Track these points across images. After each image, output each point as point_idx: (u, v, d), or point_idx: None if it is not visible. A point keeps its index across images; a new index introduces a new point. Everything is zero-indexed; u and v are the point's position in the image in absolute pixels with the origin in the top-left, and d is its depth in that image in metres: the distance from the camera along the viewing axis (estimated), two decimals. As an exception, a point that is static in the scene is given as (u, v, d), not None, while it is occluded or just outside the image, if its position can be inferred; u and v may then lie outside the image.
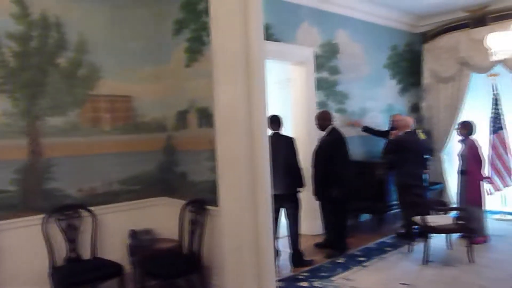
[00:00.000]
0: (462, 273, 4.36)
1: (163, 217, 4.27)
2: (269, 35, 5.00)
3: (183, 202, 3.98)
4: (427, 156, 5.98)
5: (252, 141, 3.49)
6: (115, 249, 3.95)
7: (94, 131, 3.99)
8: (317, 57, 6.10)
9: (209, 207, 3.77)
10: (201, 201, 3.85)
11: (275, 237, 4.29)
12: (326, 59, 6.28)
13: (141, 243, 3.98)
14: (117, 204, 4.08)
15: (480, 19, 6.93)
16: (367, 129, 6.54)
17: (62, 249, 3.67)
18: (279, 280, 4.17)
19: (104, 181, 4.02)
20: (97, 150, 3.99)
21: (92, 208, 3.87)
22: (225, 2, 3.44)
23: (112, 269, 3.58)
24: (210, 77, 3.58)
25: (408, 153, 5.52)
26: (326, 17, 6.26)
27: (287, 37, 5.70)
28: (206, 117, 3.80)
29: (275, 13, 5.40)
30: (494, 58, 5.12)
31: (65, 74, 3.79)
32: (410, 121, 5.84)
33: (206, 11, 3.62)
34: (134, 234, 4.05)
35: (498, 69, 6.62)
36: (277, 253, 4.42)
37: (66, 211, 3.74)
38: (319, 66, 6.14)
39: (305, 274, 4.47)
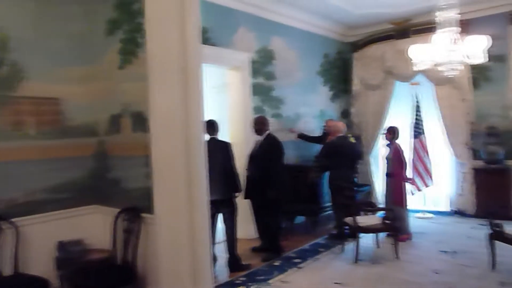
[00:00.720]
0: (388, 269, 4.62)
1: (94, 227, 4.06)
2: (205, 39, 4.97)
3: (116, 210, 3.81)
4: (357, 160, 6.26)
5: (189, 147, 3.44)
6: (40, 263, 3.68)
7: (16, 136, 3.70)
8: (253, 62, 6.17)
9: (143, 214, 3.65)
10: (135, 209, 3.71)
11: (212, 242, 4.26)
12: (262, 64, 6.38)
13: (69, 255, 3.74)
14: (43, 214, 3.81)
15: (404, 32, 7.44)
16: (301, 136, 6.72)
17: (-22, 266, 3.36)
18: (217, 286, 4.14)
19: (27, 189, 3.74)
20: (19, 156, 3.70)
21: (14, 219, 3.57)
22: (161, 3, 3.36)
23: (36, 285, 3.34)
24: (145, 80, 3.48)
25: (341, 157, 5.76)
26: (262, 24, 6.36)
27: (223, 42, 5.70)
28: (140, 121, 3.68)
29: (212, 17, 5.39)
30: (415, 68, 5.49)
31: (-19, 74, 3.48)
32: (341, 126, 6.10)
33: (141, 12, 3.51)
34: (62, 246, 3.80)
35: (419, 78, 7.13)
36: (214, 258, 4.40)
37: (-18, 224, 3.43)
38: (255, 72, 6.21)
39: (242, 278, 4.48)
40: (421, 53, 5.23)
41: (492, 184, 6.64)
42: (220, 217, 4.80)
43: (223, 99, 6.34)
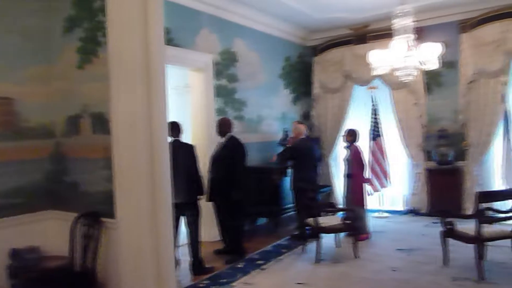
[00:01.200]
0: (349, 268, 4.73)
1: (50, 233, 3.88)
2: (168, 40, 4.88)
3: (74, 215, 3.67)
4: (318, 161, 6.37)
5: (152, 149, 3.38)
6: (-9, 272, 3.48)
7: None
8: (216, 64, 6.15)
9: (104, 219, 3.54)
10: (96, 213, 3.59)
11: (175, 245, 4.20)
12: (225, 66, 6.37)
13: (24, 263, 3.56)
14: (-6, 220, 3.60)
15: (362, 37, 7.67)
16: (279, 155, 6.36)
17: None
18: (180, 290, 4.09)
19: (-25, 195, 3.53)
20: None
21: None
22: (124, 1, 3.28)
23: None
24: (106, 80, 3.38)
25: (303, 159, 5.85)
26: (225, 25, 6.36)
27: (186, 43, 5.65)
28: (101, 123, 3.56)
29: (175, 17, 5.32)
30: (374, 73, 5.67)
31: None
32: (303, 128, 6.20)
33: (102, 10, 3.41)
34: (15, 253, 3.60)
35: (376, 82, 7.38)
36: (177, 262, 4.34)
37: None
38: (218, 73, 6.19)
39: (205, 281, 4.44)
40: (379, 58, 5.41)
41: (444, 183, 6.97)
42: (183, 220, 4.74)
43: (184, 100, 6.28)
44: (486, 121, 6.63)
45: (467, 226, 4.40)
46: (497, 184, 6.63)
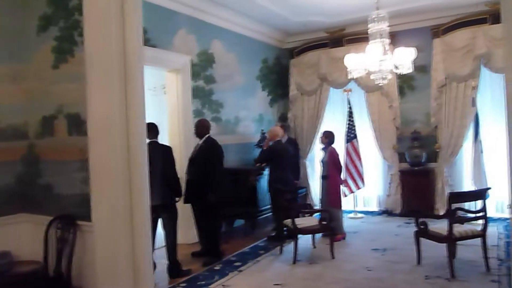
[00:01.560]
0: (325, 268, 4.79)
1: (22, 237, 3.77)
2: (145, 40, 4.80)
3: (48, 218, 3.59)
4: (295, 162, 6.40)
5: (129, 150, 3.34)
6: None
7: None
8: (193, 65, 6.12)
9: (80, 222, 3.47)
10: (71, 216, 3.52)
11: (152, 248, 4.15)
12: (202, 68, 6.35)
13: (-5, 268, 3.46)
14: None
15: (338, 40, 7.79)
16: (257, 161, 6.39)
17: None
18: (157, 293, 4.05)
19: None
20: None
21: None
22: (100, 0, 3.23)
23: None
24: (82, 80, 3.32)
25: (279, 160, 5.89)
26: (203, 27, 6.34)
27: (163, 43, 5.60)
28: (77, 124, 3.49)
29: (152, 18, 5.26)
30: (350, 76, 5.78)
31: None
32: (279, 130, 6.24)
33: (79, 9, 3.34)
34: (-14, 258, 3.50)
35: (351, 85, 7.50)
36: (153, 265, 4.29)
37: None
38: (195, 75, 6.16)
39: (183, 284, 4.41)
40: (355, 61, 5.52)
41: (416, 185, 7.15)
42: (160, 223, 4.69)
43: (161, 101, 6.22)
44: (457, 124, 6.86)
45: (439, 226, 4.54)
46: (467, 185, 6.84)
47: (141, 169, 3.39)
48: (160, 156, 4.51)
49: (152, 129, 4.57)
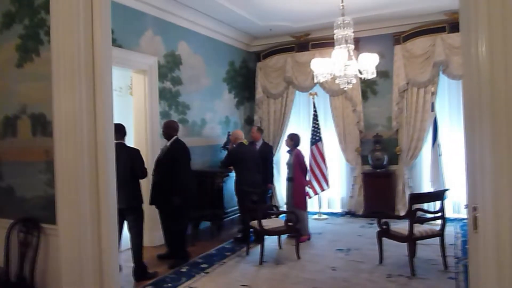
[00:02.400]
0: (291, 269, 4.88)
1: (-19, 241, 3.61)
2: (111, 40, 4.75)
3: (9, 221, 3.45)
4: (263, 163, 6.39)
5: (97, 152, 3.27)
6: None
7: None
8: (160, 66, 6.07)
9: (44, 225, 3.37)
10: (34, 220, 3.40)
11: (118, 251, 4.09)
12: (169, 69, 6.30)
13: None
14: None
15: (304, 45, 7.94)
16: (224, 163, 6.42)
17: None
18: (123, 297, 3.98)
19: None
20: None
21: None
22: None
23: None
24: (48, 80, 3.23)
25: (243, 163, 5.93)
26: (170, 28, 6.30)
27: (129, 44, 5.52)
28: (42, 124, 3.38)
29: (118, 18, 5.17)
30: (315, 80, 5.90)
31: None
32: (239, 133, 6.29)
33: (45, 7, 3.25)
34: None
35: (316, 89, 7.67)
36: (119, 268, 4.21)
37: None
38: (162, 76, 6.11)
39: (149, 287, 4.37)
40: (321, 66, 5.64)
41: (378, 186, 7.39)
42: (125, 225, 4.62)
43: (126, 102, 6.12)
44: (417, 127, 7.16)
45: (400, 226, 4.73)
46: (426, 186, 7.14)
47: (108, 171, 3.33)
48: (127, 158, 4.45)
49: (119, 130, 4.49)
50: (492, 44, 1.76)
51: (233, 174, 6.52)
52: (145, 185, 5.25)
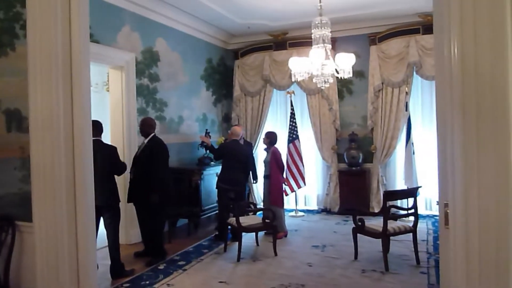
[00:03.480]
0: (268, 265, 4.95)
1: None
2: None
3: (-19, 219, 3.37)
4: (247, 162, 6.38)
5: (74, 148, 3.22)
6: None
7: None
8: (137, 63, 6.00)
9: (19, 223, 3.30)
10: (8, 217, 3.33)
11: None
12: (147, 66, 6.24)
13: None
14: None
15: (281, 43, 8.00)
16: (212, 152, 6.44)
17: None
18: (100, 295, 3.95)
19: None
20: None
21: None
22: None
23: None
24: (24, 75, 3.16)
25: (227, 159, 5.95)
26: (148, 24, 6.24)
27: (107, 40, 5.44)
28: (17, 120, 3.31)
29: (95, 13, 5.06)
30: (293, 78, 5.96)
31: None
32: (238, 130, 6.30)
33: (21, 0, 3.19)
34: None
35: (294, 87, 7.75)
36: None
37: None
38: (139, 72, 6.05)
39: (126, 285, 4.35)
40: (298, 65, 5.71)
41: (353, 184, 7.54)
42: (102, 223, 4.57)
43: (102, 98, 6.04)
44: (391, 126, 7.33)
45: (375, 223, 4.85)
46: (400, 184, 7.33)
47: (86, 168, 3.29)
48: (104, 155, 4.40)
49: (96, 127, 4.43)
50: (464, 46, 1.83)
51: (209, 172, 6.55)
52: (122, 183, 5.21)
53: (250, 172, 6.41)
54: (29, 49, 3.12)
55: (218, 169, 6.42)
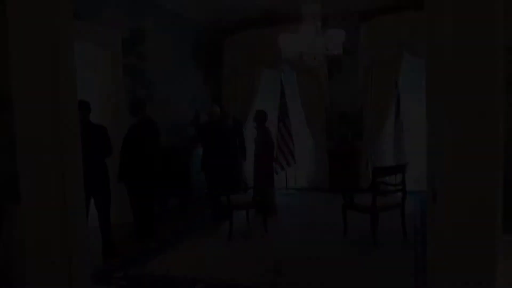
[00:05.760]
0: (258, 243, 5.01)
1: None
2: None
3: (-33, 201, 3.32)
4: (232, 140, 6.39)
5: (61, 129, 3.17)
6: None
7: None
8: (124, 41, 5.88)
9: (6, 205, 3.27)
10: (-5, 198, 3.30)
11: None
12: (134, 44, 6.11)
13: None
14: None
15: (270, 20, 7.85)
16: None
17: None
18: (92, 275, 3.95)
19: None
20: None
21: None
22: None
23: None
24: (5, 53, 3.07)
25: (213, 138, 5.93)
26: (135, 2, 6.07)
27: (92, 17, 5.30)
28: (1, 100, 3.25)
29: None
30: (283, 56, 5.89)
31: None
32: (217, 110, 6.26)
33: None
34: None
35: (284, 66, 7.67)
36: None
37: None
38: (126, 51, 5.93)
39: (117, 264, 4.36)
40: (288, 42, 5.63)
41: (343, 162, 7.58)
42: (92, 202, 4.56)
43: (88, 78, 5.92)
44: (381, 105, 7.33)
45: (364, 199, 4.90)
46: (389, 161, 7.38)
47: (74, 148, 3.25)
48: (94, 135, 4.35)
49: (84, 108, 4.37)
50: (456, 23, 1.82)
51: (199, 152, 6.53)
52: (113, 162, 5.17)
53: (238, 151, 6.40)
54: (10, 27, 3.02)
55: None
